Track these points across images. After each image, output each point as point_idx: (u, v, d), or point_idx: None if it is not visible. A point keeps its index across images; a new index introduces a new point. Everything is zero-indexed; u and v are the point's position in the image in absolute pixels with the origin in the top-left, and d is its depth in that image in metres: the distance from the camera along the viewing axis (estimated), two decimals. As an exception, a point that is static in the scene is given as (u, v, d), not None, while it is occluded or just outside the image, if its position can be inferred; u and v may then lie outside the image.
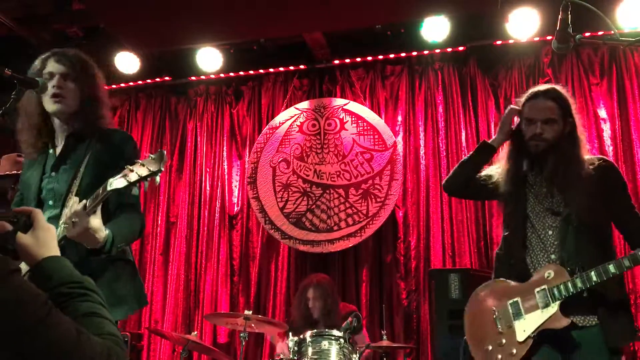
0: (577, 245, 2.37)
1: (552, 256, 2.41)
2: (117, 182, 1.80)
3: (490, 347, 2.39)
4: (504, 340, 2.37)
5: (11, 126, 2.31)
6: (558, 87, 2.59)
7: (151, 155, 1.77)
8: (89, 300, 1.25)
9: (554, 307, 2.29)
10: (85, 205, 1.88)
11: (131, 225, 2.16)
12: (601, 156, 2.59)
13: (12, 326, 1.05)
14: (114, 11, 4.89)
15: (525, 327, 2.34)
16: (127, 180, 1.77)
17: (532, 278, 2.40)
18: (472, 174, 2.71)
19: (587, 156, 2.52)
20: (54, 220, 2.11)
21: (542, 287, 2.34)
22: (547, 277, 2.34)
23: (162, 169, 1.76)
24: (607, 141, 4.96)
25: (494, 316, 2.45)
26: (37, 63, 2.28)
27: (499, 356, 2.35)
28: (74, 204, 1.92)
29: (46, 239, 1.33)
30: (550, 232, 2.43)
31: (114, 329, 1.23)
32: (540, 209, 2.49)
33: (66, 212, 2.03)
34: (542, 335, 2.32)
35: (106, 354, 1.14)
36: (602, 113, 5.05)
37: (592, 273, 2.22)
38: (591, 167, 2.44)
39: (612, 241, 2.51)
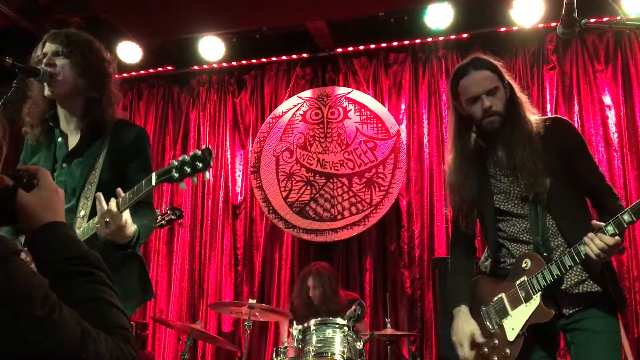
0: (550, 225, 2.20)
1: (528, 243, 2.22)
2: (163, 177, 1.79)
3: (485, 350, 2.25)
4: (496, 341, 2.23)
5: (14, 115, 2.29)
6: (481, 55, 2.36)
7: (197, 151, 1.77)
8: (94, 281, 1.06)
9: (536, 300, 2.14)
10: (117, 204, 1.86)
11: (150, 221, 2.16)
12: (554, 115, 2.33)
13: (5, 327, 0.87)
14: (115, 1, 4.87)
15: (514, 325, 2.20)
16: (175, 175, 1.76)
17: (512, 271, 2.24)
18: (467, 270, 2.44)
19: (533, 117, 2.27)
20: (70, 213, 2.08)
21: (522, 279, 2.19)
22: (525, 267, 2.19)
23: (211, 165, 1.76)
24: (612, 128, 4.93)
25: (483, 316, 2.30)
26: (37, 50, 2.24)
27: (495, 358, 2.22)
28: (101, 201, 1.88)
29: (52, 202, 1.13)
30: (525, 219, 2.24)
31: (124, 320, 1.06)
32: (505, 198, 2.28)
33: (84, 205, 2.02)
34: (533, 330, 2.17)
35: None
36: (607, 100, 5.01)
37: (566, 257, 2.08)
38: (541, 128, 2.21)
39: (588, 209, 2.29)
